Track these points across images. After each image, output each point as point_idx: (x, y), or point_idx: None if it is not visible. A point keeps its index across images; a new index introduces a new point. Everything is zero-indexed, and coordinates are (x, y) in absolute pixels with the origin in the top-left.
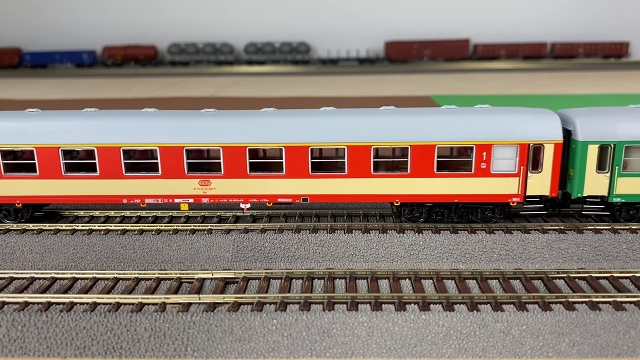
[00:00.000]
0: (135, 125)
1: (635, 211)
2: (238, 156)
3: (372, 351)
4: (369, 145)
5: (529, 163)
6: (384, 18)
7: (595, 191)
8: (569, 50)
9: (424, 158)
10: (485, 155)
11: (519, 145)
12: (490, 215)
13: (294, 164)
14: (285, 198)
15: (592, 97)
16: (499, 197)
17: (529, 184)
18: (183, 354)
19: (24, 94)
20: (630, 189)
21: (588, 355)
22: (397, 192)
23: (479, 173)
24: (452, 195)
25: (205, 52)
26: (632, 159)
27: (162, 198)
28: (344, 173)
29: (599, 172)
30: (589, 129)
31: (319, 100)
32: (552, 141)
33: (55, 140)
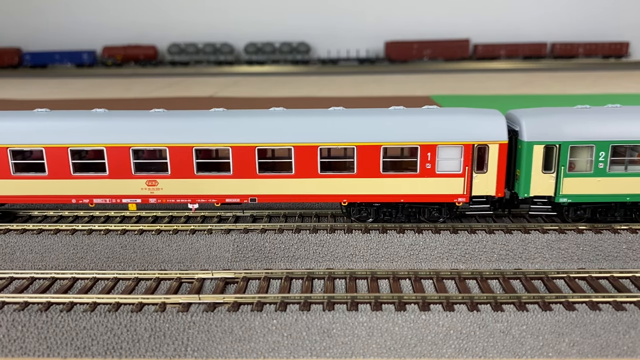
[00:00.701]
0: (82, 125)
1: (583, 211)
2: (185, 156)
3: (372, 351)
4: (316, 145)
5: (473, 163)
6: (384, 18)
7: (541, 191)
8: (569, 50)
9: (370, 158)
10: (430, 155)
11: (463, 145)
12: (437, 215)
13: (241, 164)
14: (233, 198)
15: (592, 97)
16: (444, 197)
17: (474, 184)
18: (183, 354)
19: (24, 94)
20: (577, 189)
21: (588, 355)
22: (345, 192)
23: (424, 173)
24: (399, 196)
25: (205, 52)
26: (577, 159)
27: (110, 198)
28: (291, 173)
29: (545, 173)
30: (535, 130)
31: (319, 100)
32: (497, 141)
33: (3, 140)
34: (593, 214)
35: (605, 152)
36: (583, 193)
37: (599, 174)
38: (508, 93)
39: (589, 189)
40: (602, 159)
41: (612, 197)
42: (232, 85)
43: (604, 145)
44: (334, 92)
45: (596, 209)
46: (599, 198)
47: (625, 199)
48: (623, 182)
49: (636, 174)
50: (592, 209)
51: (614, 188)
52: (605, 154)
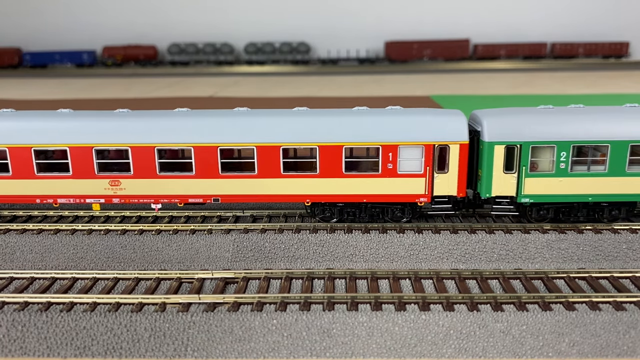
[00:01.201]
0: (46, 125)
1: (546, 212)
2: (147, 156)
3: (372, 351)
4: (278, 145)
5: (434, 163)
6: (384, 18)
7: (503, 191)
8: (569, 50)
9: (332, 158)
10: (391, 155)
11: (424, 145)
12: (400, 215)
13: (204, 164)
14: (196, 198)
15: (592, 97)
16: (406, 197)
17: (435, 184)
18: (183, 354)
19: (24, 94)
20: (538, 190)
21: (588, 355)
22: (308, 192)
23: (386, 173)
24: (362, 196)
25: (205, 52)
26: (539, 159)
27: (74, 198)
28: (254, 173)
29: (507, 173)
30: (495, 130)
31: (319, 100)
32: (458, 142)
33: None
34: (556, 214)
35: (567, 153)
36: (545, 193)
37: (560, 174)
38: (508, 93)
39: (550, 189)
40: (563, 159)
41: (574, 197)
42: (232, 85)
43: (565, 145)
44: (334, 92)
45: (559, 209)
46: (561, 198)
47: (587, 199)
48: (585, 182)
49: (598, 174)
50: (555, 209)
51: (576, 188)
52: (566, 154)
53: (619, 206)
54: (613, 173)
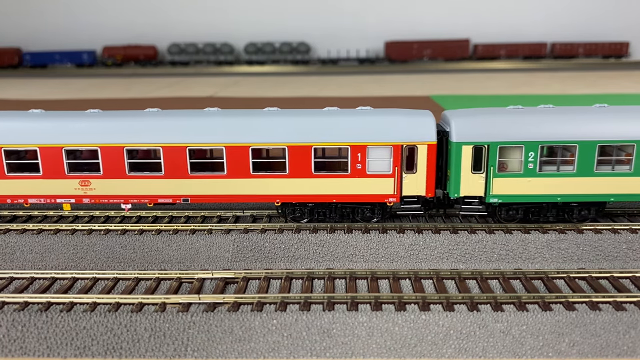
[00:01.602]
0: (17, 125)
1: (515, 212)
2: (116, 156)
3: (372, 351)
4: (247, 145)
5: (403, 164)
6: (384, 18)
7: (472, 192)
8: (569, 50)
9: (302, 159)
10: (360, 156)
11: (392, 146)
12: (370, 215)
13: (173, 164)
14: (165, 199)
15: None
16: (375, 197)
17: (404, 185)
18: (183, 354)
19: (24, 94)
20: (507, 190)
21: (588, 355)
22: (277, 192)
23: (355, 174)
24: (331, 196)
25: (205, 52)
26: (507, 159)
27: (44, 198)
28: (223, 173)
29: (475, 173)
30: (463, 130)
31: (319, 100)
32: (426, 142)
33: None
34: (525, 214)
35: (535, 153)
36: (513, 193)
37: (529, 174)
38: (508, 93)
39: (519, 190)
40: (531, 159)
41: (543, 198)
42: (232, 85)
43: (532, 145)
44: (334, 92)
45: (529, 209)
46: (529, 198)
47: (556, 199)
48: (554, 182)
49: (567, 174)
50: (524, 209)
51: (544, 188)
52: (534, 154)
53: (588, 206)
54: (581, 173)
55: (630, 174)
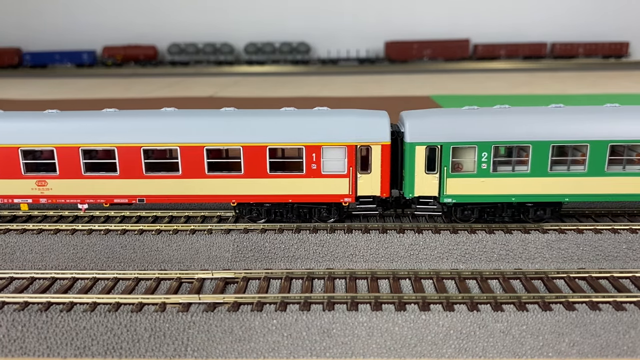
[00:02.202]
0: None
1: (471, 212)
2: (72, 157)
3: (372, 351)
4: (201, 146)
5: (357, 164)
6: (384, 18)
7: (426, 192)
8: (569, 50)
9: (257, 159)
10: (315, 156)
11: (346, 146)
12: (326, 215)
13: (128, 164)
14: (121, 199)
15: (592, 97)
16: (331, 197)
17: (359, 185)
18: (183, 354)
19: (24, 94)
20: (461, 190)
21: (588, 355)
22: (233, 192)
23: (310, 174)
24: (287, 196)
25: (205, 52)
26: (460, 159)
27: (1, 198)
28: (178, 174)
29: (428, 173)
30: (417, 131)
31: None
32: (379, 142)
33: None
34: (481, 214)
35: (488, 153)
36: (467, 193)
37: (482, 174)
38: (508, 93)
39: (473, 190)
40: (485, 159)
41: (497, 198)
42: (232, 85)
43: (485, 146)
44: (334, 92)
45: (484, 209)
46: (484, 198)
47: (511, 199)
48: (508, 182)
49: (521, 175)
50: (479, 209)
51: (498, 189)
52: (488, 154)
53: (544, 206)
54: (536, 173)
55: (585, 174)
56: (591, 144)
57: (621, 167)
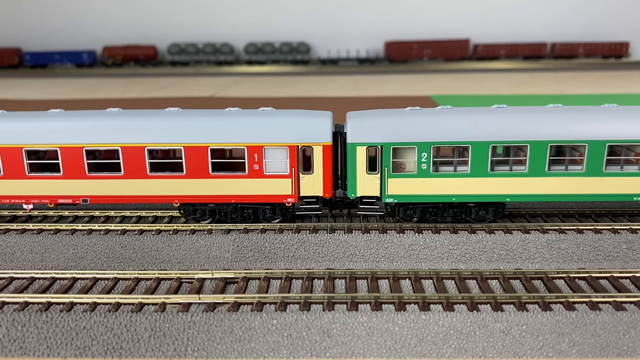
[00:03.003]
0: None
1: (413, 212)
2: (16, 157)
3: (372, 351)
4: (143, 146)
5: (299, 164)
6: (384, 18)
7: (368, 192)
8: (569, 50)
9: (199, 159)
10: (257, 156)
11: (288, 147)
12: (270, 215)
13: (71, 165)
14: (65, 199)
15: (592, 97)
16: (274, 197)
17: (302, 185)
18: (183, 354)
19: (24, 94)
20: (402, 190)
21: (588, 355)
22: (176, 192)
23: (253, 174)
24: (230, 196)
25: (205, 52)
26: (401, 160)
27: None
28: (120, 174)
29: (370, 173)
30: (358, 131)
31: (319, 101)
32: (321, 143)
33: None
34: (423, 214)
35: (428, 153)
36: (408, 193)
37: (422, 174)
38: (508, 93)
39: (414, 190)
40: (424, 160)
41: (438, 198)
42: (232, 85)
43: (425, 146)
44: (334, 92)
45: (426, 209)
46: (425, 198)
47: (451, 199)
48: (448, 182)
49: (461, 175)
50: (421, 209)
51: (439, 189)
52: (427, 155)
53: (487, 207)
54: (476, 174)
55: (526, 174)
56: (531, 145)
57: (563, 167)
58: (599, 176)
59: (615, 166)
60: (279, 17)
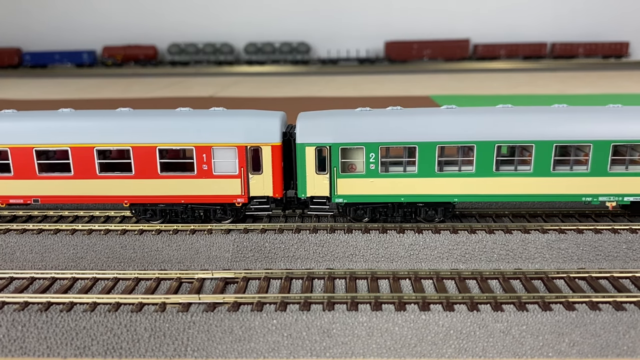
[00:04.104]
0: None
1: (363, 212)
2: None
3: (372, 351)
4: (92, 146)
5: (249, 165)
6: (384, 18)
7: (318, 192)
8: (569, 50)
9: (147, 159)
10: (205, 157)
11: (237, 147)
12: (222, 216)
13: (21, 165)
14: (16, 199)
15: (592, 97)
16: (223, 197)
17: (251, 185)
18: (183, 354)
19: (24, 94)
20: (351, 190)
21: (588, 355)
22: (125, 193)
23: (201, 174)
24: (179, 197)
25: (205, 52)
26: (351, 160)
27: None
28: (70, 174)
29: (319, 174)
30: (307, 132)
31: (319, 101)
32: (269, 143)
33: None
34: (373, 214)
35: (376, 154)
36: (357, 194)
37: (371, 175)
38: (508, 93)
39: (362, 190)
40: (372, 160)
41: (387, 198)
42: (232, 85)
43: (373, 146)
44: (334, 92)
45: (376, 209)
46: (374, 198)
47: (400, 199)
48: (396, 182)
49: (410, 175)
50: (371, 209)
51: (388, 189)
52: (375, 155)
53: (435, 207)
54: (423, 174)
55: (474, 175)
56: (477, 145)
57: (512, 168)
58: (547, 176)
59: (565, 166)
60: (279, 17)
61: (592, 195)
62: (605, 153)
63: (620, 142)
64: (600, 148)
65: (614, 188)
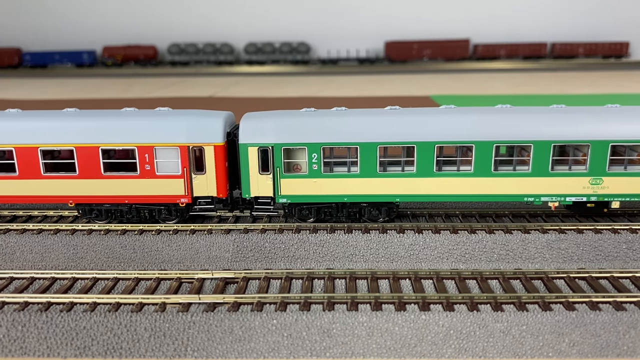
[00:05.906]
0: None
1: (308, 211)
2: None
3: (372, 351)
4: (35, 147)
5: (192, 165)
6: (384, 18)
7: (262, 192)
8: (569, 50)
9: (90, 159)
10: (148, 157)
11: (179, 147)
12: (166, 216)
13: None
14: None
15: (592, 97)
16: (167, 198)
17: (195, 185)
18: (183, 354)
19: (24, 94)
20: (295, 190)
21: (588, 355)
22: (70, 193)
23: (144, 174)
24: (123, 197)
25: (205, 52)
26: (294, 160)
27: None
28: (15, 174)
29: (263, 174)
30: (249, 132)
31: (319, 101)
32: (212, 144)
33: None
34: (318, 214)
35: (318, 154)
36: (301, 194)
37: (314, 175)
38: (508, 93)
39: (306, 190)
40: (315, 160)
41: (330, 198)
42: (232, 85)
43: (315, 147)
44: (334, 92)
45: (320, 209)
46: (317, 198)
47: (343, 199)
48: (339, 183)
49: (352, 175)
50: (316, 209)
51: (331, 189)
52: (318, 155)
53: (379, 207)
54: (365, 174)
55: (415, 175)
56: (418, 145)
57: (455, 168)
58: (488, 177)
59: (508, 167)
60: (279, 17)
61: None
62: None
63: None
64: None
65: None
